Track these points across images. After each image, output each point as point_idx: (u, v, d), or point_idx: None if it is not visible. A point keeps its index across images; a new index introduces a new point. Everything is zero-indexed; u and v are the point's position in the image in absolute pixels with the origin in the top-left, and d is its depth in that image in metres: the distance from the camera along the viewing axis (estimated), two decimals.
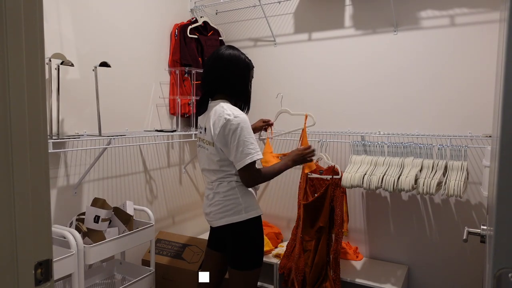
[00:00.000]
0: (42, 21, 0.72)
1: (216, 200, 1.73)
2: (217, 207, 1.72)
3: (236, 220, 1.69)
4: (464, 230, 1.29)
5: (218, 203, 1.72)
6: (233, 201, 1.70)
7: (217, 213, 1.72)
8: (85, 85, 2.11)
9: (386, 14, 2.45)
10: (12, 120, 0.66)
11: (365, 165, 2.28)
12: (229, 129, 1.60)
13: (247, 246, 1.73)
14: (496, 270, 0.73)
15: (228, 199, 1.70)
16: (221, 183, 1.73)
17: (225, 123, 1.60)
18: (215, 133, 1.64)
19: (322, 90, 2.72)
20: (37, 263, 0.71)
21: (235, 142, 1.59)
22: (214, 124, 1.65)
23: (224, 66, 1.69)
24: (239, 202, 1.70)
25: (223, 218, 1.71)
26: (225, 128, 1.60)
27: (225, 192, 1.71)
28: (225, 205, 1.71)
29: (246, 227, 1.72)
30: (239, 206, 1.70)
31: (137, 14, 2.44)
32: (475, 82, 2.23)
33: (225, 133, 1.61)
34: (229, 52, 1.71)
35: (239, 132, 1.58)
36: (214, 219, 1.74)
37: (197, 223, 3.03)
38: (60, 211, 2.02)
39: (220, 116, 1.62)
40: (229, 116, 1.60)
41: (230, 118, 1.60)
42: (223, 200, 1.71)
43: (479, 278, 2.27)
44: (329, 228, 2.27)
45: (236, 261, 1.73)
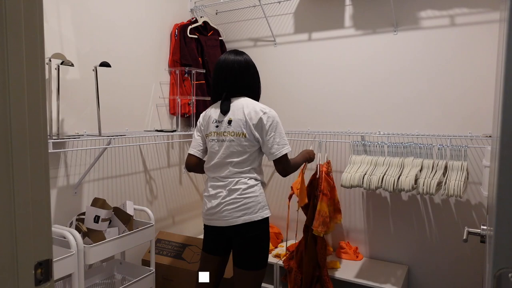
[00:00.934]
0: (42, 21, 0.72)
1: (233, 198, 1.70)
2: (235, 205, 1.69)
3: (255, 218, 1.69)
4: (464, 230, 1.29)
5: (236, 200, 1.69)
6: (253, 199, 1.70)
7: (235, 211, 1.69)
8: (85, 85, 2.11)
9: (386, 14, 2.45)
10: (12, 120, 0.66)
11: (365, 165, 2.28)
12: (267, 120, 1.69)
13: (262, 246, 1.73)
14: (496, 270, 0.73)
15: (248, 196, 1.69)
16: (239, 180, 1.71)
17: (263, 115, 1.69)
18: (252, 123, 1.69)
19: (322, 90, 2.72)
20: (37, 263, 0.71)
21: (273, 133, 1.70)
22: (249, 115, 1.70)
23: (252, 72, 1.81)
24: (258, 200, 1.71)
25: (242, 217, 1.68)
26: (262, 120, 1.69)
27: (246, 189, 1.70)
28: (244, 203, 1.69)
29: (261, 226, 1.72)
30: (259, 205, 1.70)
31: (137, 14, 2.44)
32: (475, 82, 2.23)
33: (264, 124, 1.69)
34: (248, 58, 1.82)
35: (276, 124, 1.71)
36: (229, 217, 1.70)
37: (197, 223, 3.03)
38: (60, 211, 2.02)
39: (255, 109, 1.71)
40: (265, 110, 1.71)
41: (267, 111, 1.71)
42: (242, 198, 1.69)
43: (479, 278, 2.27)
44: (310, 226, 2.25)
45: (249, 261, 1.72)
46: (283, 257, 2.52)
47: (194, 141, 1.89)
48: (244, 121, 1.70)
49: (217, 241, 1.82)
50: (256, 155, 1.76)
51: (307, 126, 2.78)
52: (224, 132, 1.74)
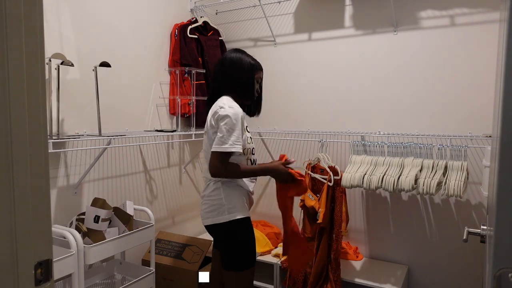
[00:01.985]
0: (42, 21, 0.72)
1: (204, 200, 1.78)
2: (204, 206, 1.77)
3: (219, 221, 1.72)
4: (464, 230, 1.29)
5: (205, 202, 1.77)
6: (217, 202, 1.73)
7: (204, 212, 1.77)
8: (85, 85, 2.11)
9: (386, 14, 2.45)
10: (12, 120, 0.66)
11: (365, 165, 2.28)
12: (219, 115, 1.64)
13: (234, 247, 1.74)
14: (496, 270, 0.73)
15: (213, 199, 1.74)
16: (209, 182, 1.77)
17: (217, 110, 1.67)
18: (210, 120, 1.71)
19: (322, 90, 2.72)
20: (37, 263, 0.71)
21: (220, 128, 1.63)
22: (211, 112, 1.73)
23: (228, 68, 1.77)
24: (222, 203, 1.72)
25: (208, 218, 1.75)
26: (215, 115, 1.67)
27: (211, 192, 1.74)
28: (210, 205, 1.74)
29: (231, 228, 1.72)
30: (223, 207, 1.72)
31: (137, 14, 2.44)
32: (475, 82, 2.23)
33: (215, 120, 1.66)
34: (233, 55, 1.79)
35: (226, 120, 1.62)
36: (202, 218, 1.79)
37: (197, 223, 3.03)
38: (60, 211, 2.02)
39: (216, 105, 1.71)
40: (223, 105, 1.67)
41: (224, 107, 1.66)
42: (209, 200, 1.75)
43: (479, 278, 2.27)
44: (329, 229, 2.27)
45: (226, 261, 1.75)
46: (282, 257, 2.52)
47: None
48: (208, 118, 1.74)
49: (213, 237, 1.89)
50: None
51: (307, 126, 2.78)
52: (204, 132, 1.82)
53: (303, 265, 2.23)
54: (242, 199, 1.76)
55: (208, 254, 2.33)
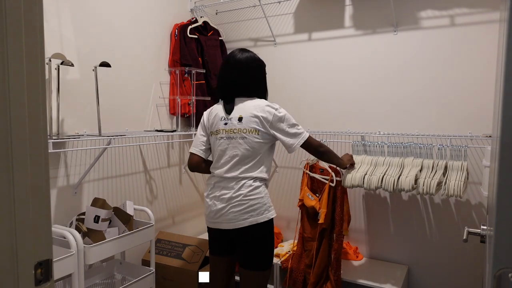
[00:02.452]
0: (42, 21, 0.72)
1: (239, 200, 1.68)
2: (241, 207, 1.68)
3: (261, 220, 1.69)
4: (464, 230, 1.29)
5: (242, 202, 1.68)
6: (259, 200, 1.69)
7: (242, 213, 1.68)
8: (85, 85, 2.11)
9: (386, 14, 2.45)
10: (12, 120, 0.66)
11: (365, 165, 2.28)
12: (280, 116, 1.73)
13: (267, 246, 1.74)
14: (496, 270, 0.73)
15: (253, 198, 1.69)
16: (245, 181, 1.70)
17: (275, 111, 1.73)
18: (266, 119, 1.71)
19: (322, 90, 2.72)
20: (37, 263, 0.71)
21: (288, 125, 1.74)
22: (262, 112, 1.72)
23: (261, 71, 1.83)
24: (264, 202, 1.71)
25: (248, 219, 1.68)
26: (275, 116, 1.72)
27: (250, 192, 1.69)
28: (250, 205, 1.68)
29: (266, 227, 1.72)
30: (264, 206, 1.70)
31: (137, 14, 2.44)
32: (475, 82, 2.23)
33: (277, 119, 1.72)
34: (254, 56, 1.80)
35: (288, 118, 1.75)
36: (235, 220, 1.68)
37: (197, 223, 3.03)
38: (60, 211, 2.02)
39: (266, 107, 1.73)
40: (275, 106, 1.75)
41: (277, 108, 1.75)
42: (248, 200, 1.68)
43: (479, 278, 2.27)
44: (330, 229, 2.27)
45: (255, 262, 1.73)
46: (282, 257, 2.52)
47: (196, 140, 1.87)
48: (257, 117, 1.70)
49: (223, 242, 1.81)
50: (267, 154, 1.77)
51: (307, 126, 2.77)
52: (234, 129, 1.72)
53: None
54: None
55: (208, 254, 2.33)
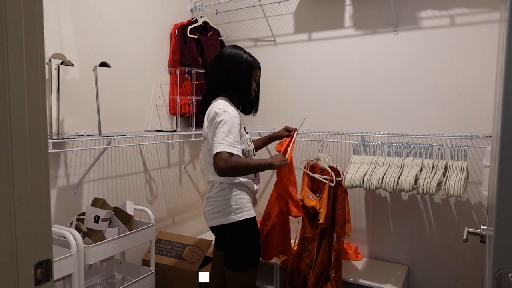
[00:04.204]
0: (42, 21, 0.72)
1: (210, 201, 1.77)
2: (210, 207, 1.76)
3: (225, 221, 1.71)
4: (464, 230, 1.29)
5: (211, 203, 1.76)
6: (223, 203, 1.72)
7: (210, 214, 1.76)
8: (85, 85, 2.11)
9: (386, 14, 2.45)
10: (12, 120, 0.66)
11: (365, 165, 2.28)
12: (216, 121, 1.63)
13: (240, 248, 1.73)
14: (496, 270, 0.73)
15: (219, 199, 1.73)
16: (214, 184, 1.76)
17: (214, 116, 1.65)
18: (207, 126, 1.70)
19: (322, 90, 2.72)
20: (37, 263, 0.71)
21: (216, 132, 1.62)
22: (206, 118, 1.72)
23: (225, 65, 1.73)
24: (229, 204, 1.72)
25: (215, 219, 1.74)
26: (212, 121, 1.65)
27: (217, 193, 1.74)
28: (216, 206, 1.73)
29: (237, 229, 1.72)
30: (229, 208, 1.71)
31: (137, 14, 2.44)
32: (475, 82, 2.23)
33: (212, 125, 1.65)
34: (231, 51, 1.75)
35: (222, 124, 1.61)
36: (207, 219, 1.79)
37: (197, 223, 3.03)
38: (60, 211, 2.02)
39: (212, 110, 1.68)
40: (219, 110, 1.64)
41: (219, 112, 1.64)
42: (215, 201, 1.74)
43: (479, 278, 2.27)
44: (331, 229, 2.27)
45: (230, 261, 1.74)
46: (282, 258, 2.52)
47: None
48: (206, 122, 1.73)
49: (216, 238, 1.89)
50: None
51: (307, 126, 2.77)
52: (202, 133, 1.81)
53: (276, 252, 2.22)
54: (248, 199, 1.77)
55: (208, 254, 2.33)
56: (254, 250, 1.76)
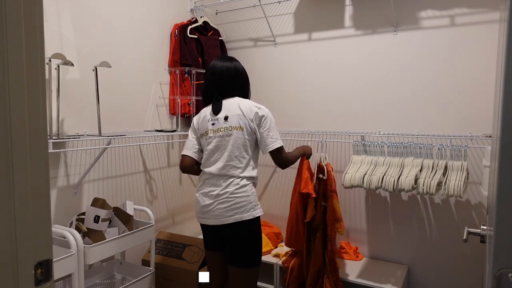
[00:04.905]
0: (42, 21, 0.72)
1: (225, 197, 1.73)
2: (227, 204, 1.72)
3: (246, 217, 1.72)
4: (464, 230, 1.29)
5: (228, 200, 1.72)
6: (244, 199, 1.73)
7: (227, 210, 1.72)
8: (85, 85, 2.11)
9: (386, 14, 2.45)
10: (12, 120, 0.66)
11: (365, 165, 2.28)
12: (262, 115, 1.77)
13: (254, 244, 1.76)
14: (496, 270, 0.73)
15: (239, 196, 1.72)
16: (233, 179, 1.74)
17: (258, 110, 1.78)
18: (249, 117, 1.76)
19: (322, 90, 2.72)
20: (37, 263, 0.71)
21: (267, 127, 1.78)
22: (245, 110, 1.77)
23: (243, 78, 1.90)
24: (249, 200, 1.74)
25: (233, 216, 1.72)
26: (258, 114, 1.77)
27: (237, 190, 1.73)
28: (235, 203, 1.72)
29: (253, 225, 1.75)
30: (249, 204, 1.73)
31: (137, 14, 2.44)
32: (475, 82, 2.23)
33: (258, 118, 1.77)
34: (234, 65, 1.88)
35: (269, 120, 1.79)
36: (221, 216, 1.73)
37: (197, 223, 3.02)
38: (60, 211, 2.02)
39: (250, 105, 1.79)
40: (259, 106, 1.81)
41: (261, 107, 1.80)
42: (234, 197, 1.72)
43: (479, 278, 2.27)
44: (323, 229, 2.25)
45: (241, 258, 1.75)
46: (282, 257, 2.52)
47: (188, 142, 1.91)
48: (242, 115, 1.76)
49: (214, 238, 1.86)
50: (252, 151, 1.80)
51: (307, 126, 2.78)
52: (221, 128, 1.79)
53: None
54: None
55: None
56: (261, 246, 1.82)
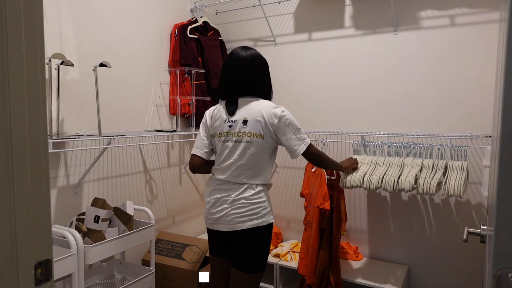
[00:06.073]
0: (42, 21, 0.72)
1: (240, 203, 1.68)
2: (241, 209, 1.67)
3: (260, 223, 1.68)
4: (464, 230, 1.29)
5: (243, 205, 1.67)
6: (260, 205, 1.69)
7: (241, 216, 1.67)
8: (85, 85, 2.11)
9: (386, 14, 2.45)
10: (12, 120, 0.66)
11: (365, 165, 2.28)
12: (286, 119, 1.70)
13: (263, 249, 1.74)
14: (496, 270, 0.73)
15: (255, 202, 1.68)
16: (248, 185, 1.69)
17: (281, 114, 1.69)
18: (271, 123, 1.68)
19: (322, 90, 2.72)
20: (37, 263, 0.71)
21: (292, 131, 1.71)
22: (267, 115, 1.68)
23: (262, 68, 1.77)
24: (265, 206, 1.71)
25: (248, 222, 1.67)
26: (280, 119, 1.69)
27: (252, 195, 1.68)
28: (251, 208, 1.67)
29: (266, 231, 1.72)
30: (265, 210, 1.70)
31: (137, 14, 2.44)
32: (475, 82, 2.23)
33: (283, 123, 1.69)
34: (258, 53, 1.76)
35: (293, 123, 1.72)
36: (235, 222, 1.68)
37: (197, 223, 3.03)
38: (60, 211, 2.02)
39: (272, 110, 1.70)
40: (282, 109, 1.72)
41: (284, 111, 1.71)
42: (249, 203, 1.67)
43: (479, 278, 2.27)
44: (329, 229, 2.26)
45: (250, 264, 1.71)
46: (282, 257, 2.52)
47: (199, 141, 1.82)
48: (263, 122, 1.67)
49: (222, 244, 1.80)
50: (269, 158, 1.75)
51: (307, 126, 2.78)
52: (239, 132, 1.70)
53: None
54: None
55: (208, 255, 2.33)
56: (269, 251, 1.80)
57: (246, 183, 1.69)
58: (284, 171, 2.93)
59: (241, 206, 1.67)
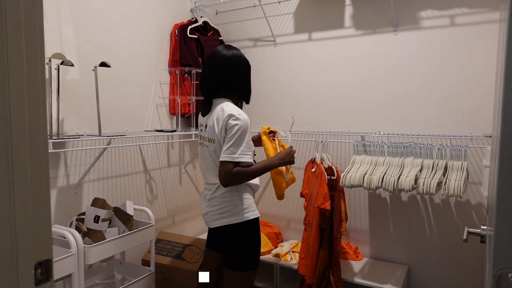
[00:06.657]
0: (42, 21, 0.72)
1: (215, 201, 1.74)
2: (215, 207, 1.74)
3: (233, 221, 1.70)
4: (464, 230, 1.29)
5: (215, 204, 1.73)
6: (231, 203, 1.71)
7: (215, 214, 1.74)
8: (85, 85, 2.11)
9: (386, 14, 2.45)
10: (12, 120, 0.66)
11: (366, 165, 2.28)
12: (230, 125, 1.62)
13: (244, 248, 1.73)
14: (496, 270, 0.73)
15: (226, 200, 1.72)
16: (219, 186, 1.72)
17: (228, 120, 1.63)
18: (218, 129, 1.66)
19: (322, 90, 2.72)
20: (37, 263, 0.71)
21: (229, 139, 1.61)
22: (217, 120, 1.67)
23: (231, 67, 1.71)
24: (236, 204, 1.71)
25: (221, 219, 1.72)
26: (226, 124, 1.63)
27: (223, 194, 1.72)
28: (222, 207, 1.72)
29: (245, 228, 1.72)
30: (237, 208, 1.71)
31: (137, 14, 2.44)
32: (475, 82, 2.23)
33: (226, 129, 1.64)
34: (233, 52, 1.73)
35: (236, 131, 1.61)
36: (211, 219, 1.76)
37: (197, 223, 3.03)
38: (60, 211, 2.02)
39: (224, 113, 1.65)
40: (232, 113, 1.63)
41: (234, 115, 1.62)
42: (221, 202, 1.72)
43: (479, 278, 2.27)
44: (330, 229, 2.26)
45: (232, 261, 1.73)
46: (282, 257, 2.52)
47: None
48: (214, 126, 1.68)
49: (214, 238, 1.87)
50: None
51: (307, 126, 2.78)
52: (203, 136, 1.78)
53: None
54: (252, 199, 1.78)
55: None
56: (258, 249, 1.77)
57: (217, 183, 1.73)
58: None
59: (215, 204, 1.74)
